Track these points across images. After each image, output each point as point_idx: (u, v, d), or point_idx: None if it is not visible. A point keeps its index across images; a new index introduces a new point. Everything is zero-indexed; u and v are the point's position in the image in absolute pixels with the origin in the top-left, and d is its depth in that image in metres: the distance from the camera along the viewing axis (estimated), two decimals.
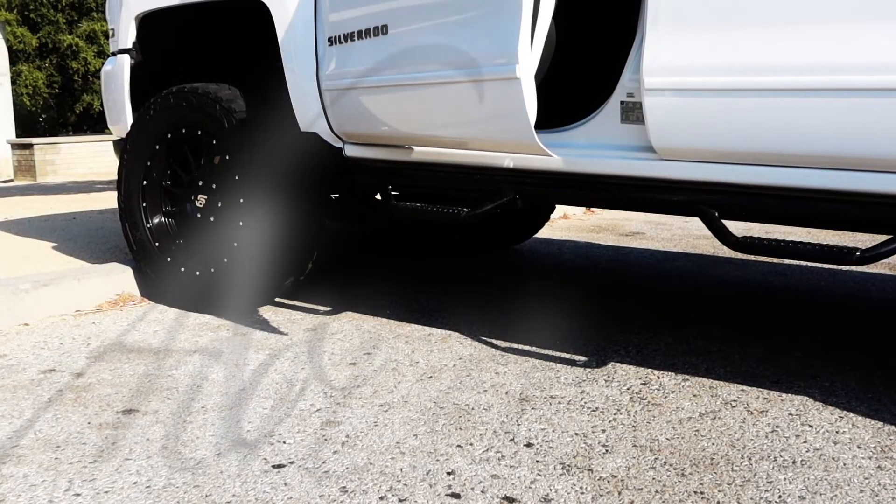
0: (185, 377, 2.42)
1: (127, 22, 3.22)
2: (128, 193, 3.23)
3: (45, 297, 3.07)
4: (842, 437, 1.96)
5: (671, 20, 2.15)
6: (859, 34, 1.92)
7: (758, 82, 2.05)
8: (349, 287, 3.45)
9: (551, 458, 1.86)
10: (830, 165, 2.02)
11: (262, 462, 1.86)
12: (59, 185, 8.83)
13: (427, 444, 1.94)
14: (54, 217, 5.00)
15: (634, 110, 2.27)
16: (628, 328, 2.83)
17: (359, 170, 2.88)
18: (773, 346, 2.63)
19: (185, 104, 3.08)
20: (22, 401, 2.25)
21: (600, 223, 5.24)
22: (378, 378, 2.39)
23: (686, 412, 2.12)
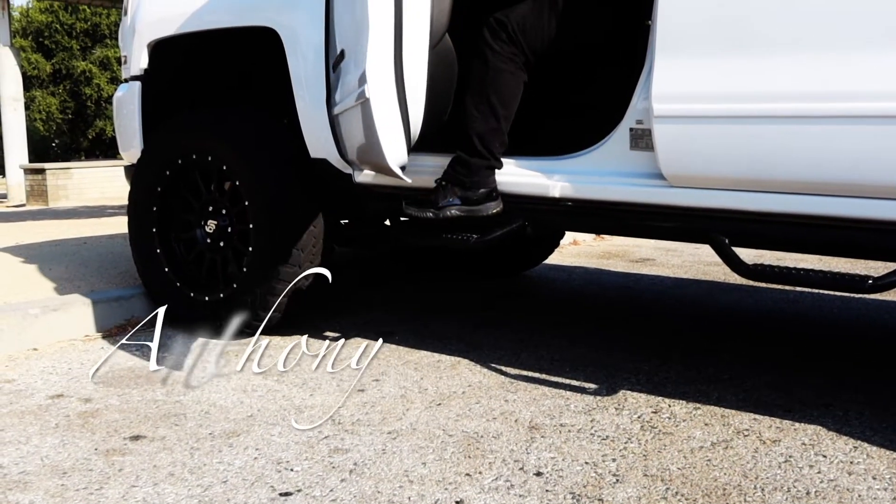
0: (192, 403, 2.41)
1: (139, 49, 3.24)
2: (138, 219, 3.24)
3: (55, 322, 3.08)
4: (856, 467, 1.93)
5: (680, 47, 2.16)
6: (871, 61, 1.92)
7: (768, 109, 2.05)
8: (358, 312, 3.44)
9: (561, 488, 1.84)
10: (842, 193, 2.01)
11: (270, 490, 1.84)
12: (70, 210, 8.89)
13: (436, 473, 1.92)
14: (65, 242, 5.01)
15: (644, 137, 2.27)
16: (639, 355, 2.81)
17: (368, 196, 2.88)
18: (785, 374, 2.61)
19: (195, 130, 3.10)
20: (29, 426, 2.24)
21: (610, 249, 5.23)
22: (386, 405, 2.38)
23: (698, 441, 2.09)
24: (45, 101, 25.13)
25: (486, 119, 2.46)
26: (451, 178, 2.51)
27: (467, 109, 2.48)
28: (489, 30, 2.45)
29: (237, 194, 2.99)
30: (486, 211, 2.51)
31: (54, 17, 25.58)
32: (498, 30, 2.44)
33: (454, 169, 2.52)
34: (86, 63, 25.48)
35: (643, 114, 2.25)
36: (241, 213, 2.99)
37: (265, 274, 2.90)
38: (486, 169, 2.50)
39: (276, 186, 2.89)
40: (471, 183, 2.49)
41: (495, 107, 2.45)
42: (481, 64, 2.45)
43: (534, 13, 2.45)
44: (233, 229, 3.03)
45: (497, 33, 2.44)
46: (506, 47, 2.43)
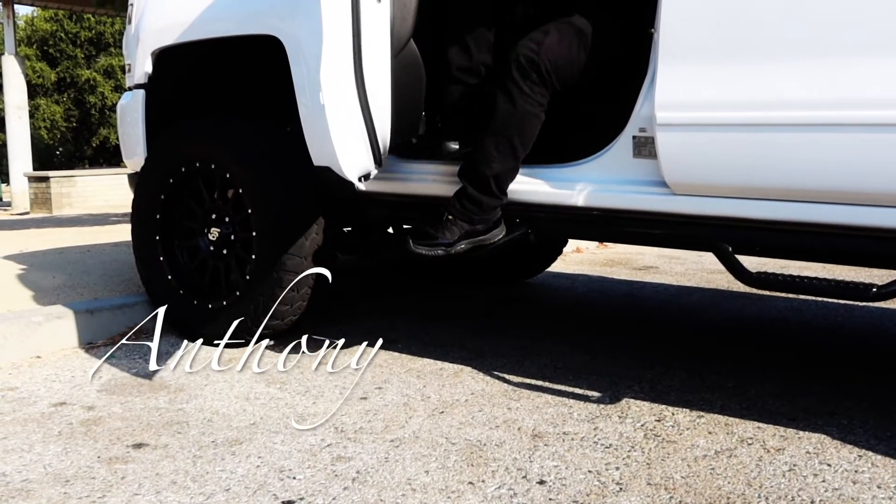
0: (195, 411, 2.40)
1: (143, 57, 3.25)
2: (142, 226, 3.25)
3: (58, 330, 3.08)
4: (861, 476, 1.92)
5: (683, 55, 2.16)
6: (875, 68, 1.92)
7: (770, 117, 2.05)
8: (360, 320, 3.44)
9: (564, 496, 1.83)
10: (845, 201, 2.01)
11: (272, 498, 1.84)
12: (74, 218, 8.90)
13: (438, 481, 1.92)
14: (69, 250, 5.02)
15: (647, 145, 2.27)
16: (642, 363, 2.81)
17: (371, 204, 2.88)
18: (789, 382, 2.60)
19: (198, 138, 3.10)
20: (32, 434, 2.24)
21: (613, 257, 5.22)
22: (389, 412, 2.37)
23: (701, 450, 2.09)
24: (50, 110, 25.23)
25: (504, 160, 2.39)
26: (460, 215, 2.45)
27: (485, 147, 2.39)
28: (519, 69, 2.34)
29: (240, 202, 2.99)
30: (493, 238, 2.50)
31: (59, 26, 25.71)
32: (529, 70, 2.33)
33: (463, 205, 2.46)
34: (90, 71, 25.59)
35: (646, 122, 2.25)
36: (245, 221, 2.99)
37: (268, 282, 2.90)
38: (497, 207, 2.48)
39: (279, 194, 2.89)
40: (480, 220, 2.47)
41: (517, 148, 2.39)
42: (508, 103, 2.36)
43: (562, 46, 2.37)
44: (236, 237, 3.03)
45: (528, 74, 2.33)
46: (536, 88, 2.34)
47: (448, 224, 2.46)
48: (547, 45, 2.35)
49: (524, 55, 2.34)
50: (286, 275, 2.88)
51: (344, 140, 2.46)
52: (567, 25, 2.41)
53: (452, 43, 2.67)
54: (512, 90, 2.35)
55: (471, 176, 2.45)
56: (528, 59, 2.33)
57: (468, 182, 2.46)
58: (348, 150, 2.48)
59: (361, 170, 2.56)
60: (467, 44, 2.63)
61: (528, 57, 2.33)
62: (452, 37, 2.67)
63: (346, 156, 2.48)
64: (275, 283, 2.89)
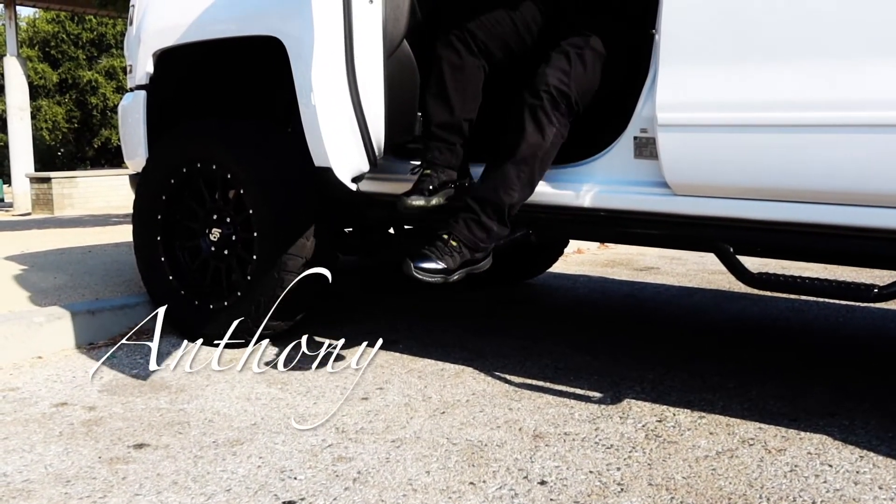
0: (196, 411, 2.40)
1: (144, 58, 3.26)
2: (143, 227, 3.25)
3: (59, 330, 3.08)
4: (862, 477, 1.92)
5: (684, 56, 2.16)
6: (877, 70, 1.92)
7: (771, 118, 2.05)
8: (361, 321, 3.44)
9: (565, 497, 1.83)
10: (847, 201, 2.01)
11: (273, 498, 1.84)
12: (75, 219, 8.91)
13: (439, 481, 1.92)
14: (70, 250, 5.03)
15: (648, 146, 2.27)
16: (643, 364, 2.80)
17: (372, 204, 2.88)
18: (790, 383, 2.60)
19: (200, 138, 3.10)
20: (33, 434, 2.24)
21: (615, 258, 5.22)
22: (390, 413, 2.37)
23: (703, 450, 2.09)
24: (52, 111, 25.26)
25: (524, 189, 2.34)
26: (466, 241, 2.34)
27: (507, 175, 2.31)
28: (550, 100, 2.28)
29: (241, 203, 3.00)
30: (483, 268, 2.44)
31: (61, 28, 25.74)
32: (559, 101, 2.28)
33: (471, 231, 2.35)
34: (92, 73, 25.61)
35: (647, 122, 2.25)
36: (246, 222, 2.99)
37: (269, 282, 2.90)
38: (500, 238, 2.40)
39: (280, 195, 2.89)
40: (483, 248, 2.38)
41: (536, 179, 2.35)
42: (538, 134, 2.29)
43: (588, 74, 2.32)
44: (237, 237, 3.03)
45: (558, 105, 2.28)
46: (563, 120, 2.30)
47: (450, 249, 2.33)
48: (575, 76, 2.30)
49: (555, 87, 2.27)
50: (287, 275, 2.88)
51: (335, 140, 2.46)
52: (588, 50, 2.34)
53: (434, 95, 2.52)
54: (542, 120, 2.28)
55: (486, 202, 2.34)
56: (559, 90, 2.28)
57: (482, 207, 2.34)
58: (340, 150, 2.48)
59: (354, 170, 2.55)
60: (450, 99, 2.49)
61: (559, 89, 2.28)
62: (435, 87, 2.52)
63: (338, 156, 2.47)
64: (276, 283, 2.89)
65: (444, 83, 2.45)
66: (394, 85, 2.53)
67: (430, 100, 2.49)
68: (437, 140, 2.48)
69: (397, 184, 2.78)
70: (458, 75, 2.43)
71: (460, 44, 2.43)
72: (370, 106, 2.48)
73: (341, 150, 2.48)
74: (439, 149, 2.48)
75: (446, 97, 2.45)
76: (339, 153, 2.48)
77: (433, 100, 2.49)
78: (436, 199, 2.46)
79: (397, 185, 2.78)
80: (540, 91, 2.28)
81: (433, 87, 2.49)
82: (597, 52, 2.35)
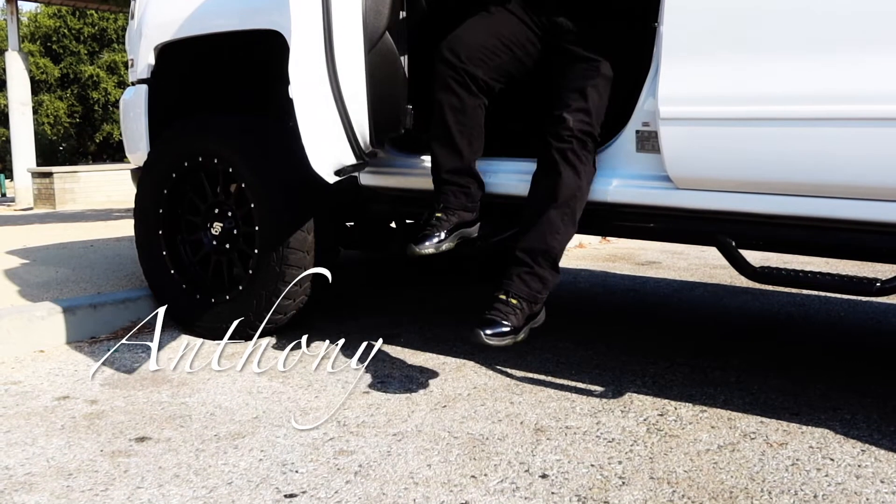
0: (198, 405, 2.41)
1: (146, 52, 3.25)
2: (144, 221, 3.25)
3: (61, 324, 3.08)
4: (864, 470, 1.92)
5: (686, 49, 2.15)
6: (880, 63, 1.91)
7: (774, 111, 2.04)
8: (363, 315, 3.44)
9: (567, 490, 1.83)
10: (850, 195, 2.00)
11: (275, 491, 1.84)
12: (77, 213, 8.91)
13: (441, 475, 1.92)
14: (72, 244, 5.03)
15: (650, 139, 2.26)
16: (644, 358, 2.80)
17: (374, 198, 2.88)
18: (792, 377, 2.59)
19: (201, 132, 3.10)
20: (35, 427, 2.25)
21: (616, 252, 5.22)
22: (392, 406, 2.37)
23: (704, 444, 2.09)
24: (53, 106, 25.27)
25: (568, 231, 2.30)
26: (527, 296, 2.27)
27: (552, 221, 2.26)
28: (579, 142, 2.25)
29: (243, 197, 3.00)
30: (541, 321, 2.35)
31: (62, 22, 25.73)
32: (588, 141, 2.26)
33: (527, 285, 2.27)
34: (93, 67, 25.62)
35: (649, 116, 2.25)
36: (247, 216, 2.99)
37: (271, 276, 2.90)
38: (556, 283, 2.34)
39: (281, 189, 2.89)
40: (542, 298, 2.30)
41: (577, 217, 2.30)
42: (574, 176, 2.25)
43: (603, 103, 2.29)
44: (238, 231, 3.03)
45: (585, 144, 2.26)
46: (591, 155, 2.29)
47: (512, 308, 2.25)
48: (595, 112, 2.28)
49: (579, 129, 2.25)
50: (289, 269, 2.88)
51: (313, 134, 2.41)
52: (600, 78, 2.30)
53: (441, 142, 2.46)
54: (575, 162, 2.25)
55: (536, 252, 2.28)
56: (583, 132, 2.25)
57: (533, 258, 2.27)
58: (317, 142, 2.43)
59: (335, 164, 2.51)
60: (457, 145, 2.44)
61: (583, 130, 2.25)
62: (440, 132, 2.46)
63: (315, 148, 2.43)
64: (277, 277, 2.89)
65: (449, 128, 2.39)
66: (377, 78, 2.50)
67: (437, 147, 2.44)
68: (449, 185, 2.44)
69: (400, 177, 2.78)
70: (461, 118, 2.37)
71: (460, 87, 2.36)
72: (352, 99, 2.45)
73: (318, 143, 2.44)
74: (454, 193, 2.44)
75: (453, 143, 2.40)
76: (316, 145, 2.43)
77: (440, 147, 2.43)
78: (446, 245, 2.44)
79: (401, 179, 2.79)
80: (565, 136, 2.24)
81: (437, 133, 2.43)
82: (607, 77, 2.31)
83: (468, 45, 2.38)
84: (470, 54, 2.37)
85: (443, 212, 2.43)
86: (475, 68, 2.37)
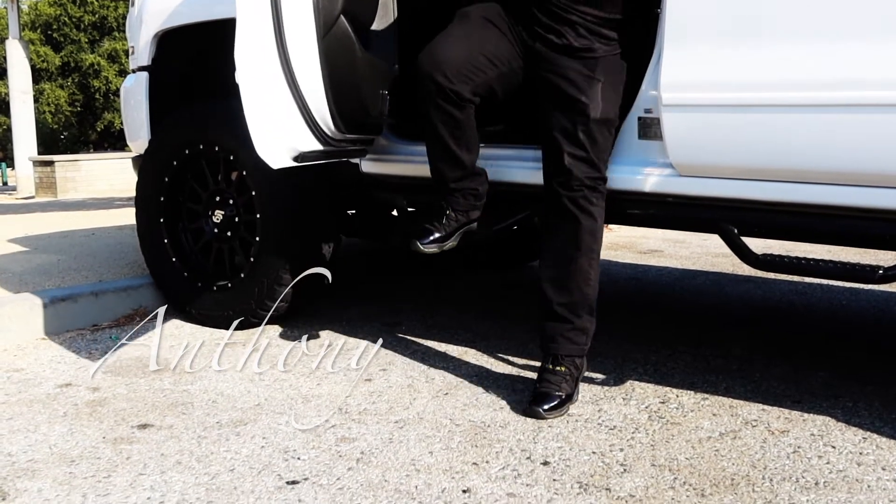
0: (200, 392, 2.41)
1: (146, 39, 3.24)
2: (146, 209, 3.25)
3: (63, 312, 3.09)
4: (866, 458, 1.92)
5: (689, 35, 2.14)
6: (885, 49, 1.90)
7: (778, 98, 2.03)
8: (364, 303, 3.44)
9: (568, 477, 1.84)
10: (853, 182, 2.00)
11: (277, 478, 1.84)
12: (79, 202, 8.91)
13: (442, 462, 1.92)
14: (73, 233, 5.03)
15: (652, 126, 2.25)
16: (646, 346, 2.80)
17: (375, 185, 2.87)
18: (794, 365, 2.59)
19: (202, 120, 3.09)
20: (38, 414, 2.25)
21: (618, 241, 5.21)
22: (393, 394, 2.37)
23: (706, 431, 2.09)
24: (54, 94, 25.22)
25: (597, 273, 2.28)
26: (577, 351, 2.27)
27: (582, 269, 2.24)
28: (592, 191, 2.21)
29: (244, 184, 2.99)
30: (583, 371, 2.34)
31: (63, 10, 25.66)
32: (597, 186, 2.22)
33: (572, 341, 2.26)
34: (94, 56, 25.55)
35: (652, 102, 2.24)
36: (249, 203, 2.98)
37: (272, 264, 2.90)
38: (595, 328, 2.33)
39: (282, 176, 2.88)
40: (587, 348, 2.30)
41: (599, 251, 2.29)
42: (590, 220, 2.22)
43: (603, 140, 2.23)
44: (240, 219, 3.03)
45: (596, 188, 2.22)
46: (602, 195, 2.24)
47: (562, 375, 2.25)
48: (595, 151, 2.21)
49: (587, 177, 2.20)
50: (290, 257, 2.88)
51: (259, 119, 2.36)
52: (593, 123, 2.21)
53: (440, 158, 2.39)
54: (590, 208, 2.21)
55: (575, 305, 2.26)
56: (590, 177, 2.21)
57: (574, 313, 2.27)
58: (265, 129, 2.38)
59: (291, 150, 2.46)
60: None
61: (590, 177, 2.21)
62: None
63: (261, 135, 2.38)
64: (279, 265, 2.88)
65: (445, 142, 2.33)
66: (334, 62, 2.45)
67: (437, 161, 2.39)
68: (457, 191, 2.41)
69: (402, 165, 2.77)
70: (457, 133, 2.31)
71: (449, 105, 2.27)
72: (308, 83, 2.40)
73: (265, 129, 2.38)
74: (463, 196, 2.41)
75: (452, 155, 2.35)
76: (262, 131, 2.38)
77: (439, 161, 2.38)
78: (449, 245, 2.42)
79: (403, 167, 2.78)
80: (574, 186, 2.20)
81: (435, 149, 2.37)
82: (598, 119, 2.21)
83: (452, 63, 2.25)
84: (455, 72, 2.24)
85: (452, 211, 2.42)
86: (462, 86, 2.25)
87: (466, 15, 2.37)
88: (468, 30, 2.33)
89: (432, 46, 2.29)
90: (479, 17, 2.35)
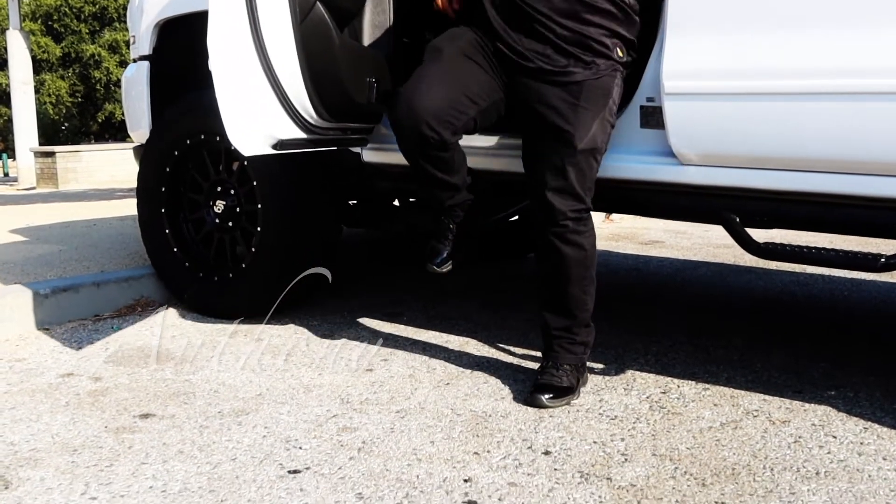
0: (201, 382, 2.41)
1: (148, 29, 3.23)
2: (147, 199, 3.24)
3: (65, 302, 3.09)
4: (866, 448, 1.92)
5: (691, 23, 2.13)
6: (889, 36, 1.89)
7: (780, 86, 2.02)
8: (366, 294, 3.44)
9: (569, 467, 1.84)
10: (855, 170, 1.99)
11: (278, 467, 1.85)
12: (80, 193, 8.91)
13: (444, 451, 1.92)
14: (75, 223, 5.03)
15: (654, 115, 2.25)
16: (648, 336, 2.80)
17: (377, 175, 2.87)
18: (795, 355, 2.59)
19: (203, 110, 3.08)
20: (40, 404, 2.25)
21: (619, 231, 5.21)
22: (395, 384, 2.38)
23: (707, 421, 2.09)
24: (55, 85, 25.18)
25: (593, 292, 2.30)
26: (577, 361, 2.30)
27: (575, 298, 2.26)
28: (577, 222, 2.19)
29: (245, 174, 2.99)
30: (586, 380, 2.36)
31: (63, 1, 25.59)
32: (581, 217, 2.19)
33: (574, 353, 2.30)
34: (95, 46, 25.50)
35: (654, 91, 2.23)
36: (250, 194, 2.98)
37: (274, 254, 2.90)
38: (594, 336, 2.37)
39: (283, 166, 2.88)
40: (588, 355, 2.35)
41: (594, 273, 2.29)
42: (577, 251, 2.21)
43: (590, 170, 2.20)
44: (241, 209, 3.03)
45: (582, 216, 2.20)
46: (590, 221, 2.23)
47: (564, 372, 2.26)
48: (583, 187, 2.18)
49: (571, 211, 2.18)
50: (292, 247, 2.88)
51: (232, 107, 2.33)
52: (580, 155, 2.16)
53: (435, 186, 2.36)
54: (575, 239, 2.20)
55: (570, 327, 2.30)
56: (575, 210, 2.18)
57: (570, 332, 2.30)
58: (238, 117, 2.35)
59: (268, 138, 2.43)
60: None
61: (575, 209, 2.18)
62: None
63: (234, 123, 2.34)
64: (281, 255, 2.88)
65: (435, 175, 2.30)
66: (312, 48, 2.43)
67: (431, 190, 2.38)
68: (456, 206, 2.40)
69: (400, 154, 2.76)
70: (443, 166, 2.29)
71: (434, 150, 2.22)
72: (285, 69, 2.38)
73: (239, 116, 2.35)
74: (461, 208, 2.41)
75: (444, 182, 2.33)
76: (236, 119, 2.34)
77: (433, 188, 2.36)
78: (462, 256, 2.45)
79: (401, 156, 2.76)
80: (559, 221, 2.18)
81: (426, 181, 2.35)
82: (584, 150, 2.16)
83: (432, 111, 2.16)
84: (437, 120, 2.16)
85: (454, 225, 2.42)
86: (445, 132, 2.18)
87: (439, 51, 2.25)
88: (444, 69, 2.22)
89: (409, 94, 2.19)
90: (455, 53, 2.24)
